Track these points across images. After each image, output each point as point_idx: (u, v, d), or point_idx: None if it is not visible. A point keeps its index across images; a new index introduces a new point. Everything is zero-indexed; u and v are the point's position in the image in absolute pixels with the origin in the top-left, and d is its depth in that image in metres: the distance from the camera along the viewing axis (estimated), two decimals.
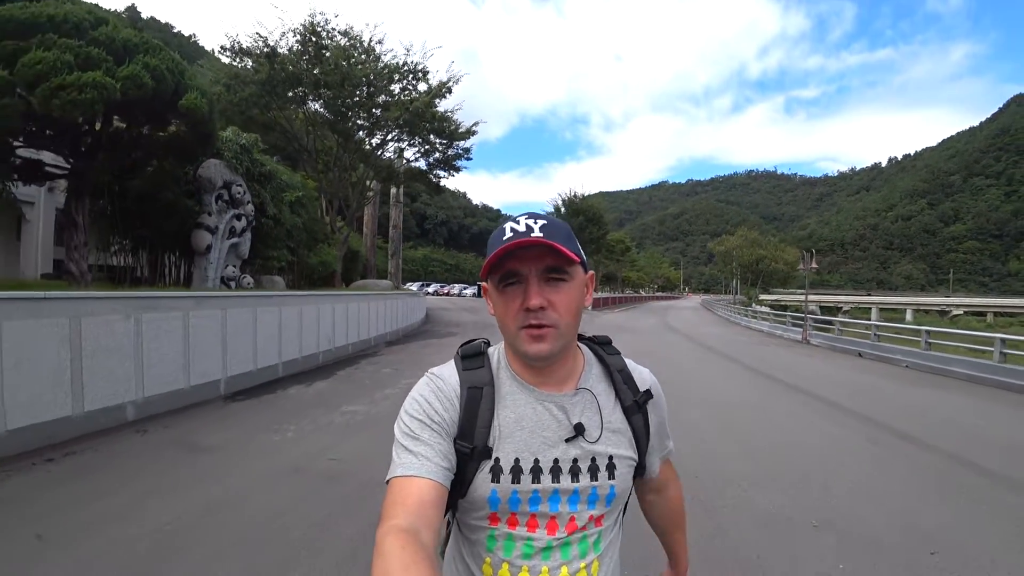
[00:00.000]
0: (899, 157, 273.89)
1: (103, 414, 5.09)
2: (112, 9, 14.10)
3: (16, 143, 6.75)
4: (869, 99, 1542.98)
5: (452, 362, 0.93)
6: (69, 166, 7.19)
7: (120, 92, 5.84)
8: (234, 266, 9.86)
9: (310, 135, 18.39)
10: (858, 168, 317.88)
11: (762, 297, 65.70)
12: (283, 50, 15.93)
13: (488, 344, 0.95)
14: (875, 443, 5.39)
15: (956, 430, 6.11)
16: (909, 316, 76.97)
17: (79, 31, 6.06)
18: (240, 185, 9.77)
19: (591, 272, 0.91)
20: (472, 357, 0.92)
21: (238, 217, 9.80)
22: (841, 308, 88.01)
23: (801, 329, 17.25)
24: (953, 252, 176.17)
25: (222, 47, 16.31)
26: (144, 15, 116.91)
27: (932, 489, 4.18)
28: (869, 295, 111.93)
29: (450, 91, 18.19)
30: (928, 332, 11.26)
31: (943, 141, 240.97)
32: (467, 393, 0.87)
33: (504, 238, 0.81)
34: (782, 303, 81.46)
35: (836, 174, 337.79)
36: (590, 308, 36.74)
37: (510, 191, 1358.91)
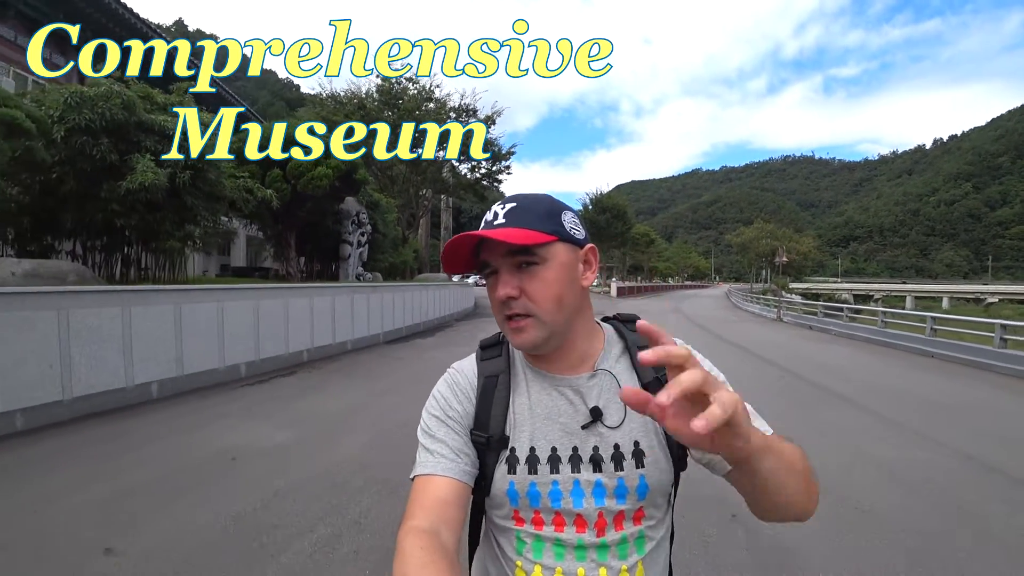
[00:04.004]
0: (944, 138, 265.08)
1: (338, 346, 10.07)
2: (159, 23, 17.60)
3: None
4: (914, 76, 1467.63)
5: (473, 355, 0.93)
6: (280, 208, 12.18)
7: (332, 175, 10.78)
8: (361, 267, 14.86)
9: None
10: (900, 151, 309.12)
11: (792, 285, 68.24)
12: (366, 99, 20.98)
13: None
14: (733, 354, 9.92)
15: (803, 359, 10.48)
16: (946, 303, 77.96)
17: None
18: (364, 213, 14.72)
19: (589, 245, 0.83)
20: (490, 347, 0.91)
21: (363, 234, 14.77)
22: (872, 296, 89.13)
23: (777, 309, 21.46)
24: (1000, 238, 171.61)
25: (326, 97, 21.52)
26: (191, 28, 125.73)
27: (756, 378, 8.67)
28: (904, 283, 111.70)
29: (494, 123, 22.98)
30: (849, 308, 15.47)
31: (992, 120, 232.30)
32: (483, 382, 0.86)
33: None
34: (813, 291, 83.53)
35: (877, 157, 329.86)
36: (610, 292, 40.92)
37: (541, 181, 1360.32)
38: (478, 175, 25.77)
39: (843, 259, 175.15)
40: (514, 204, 0.79)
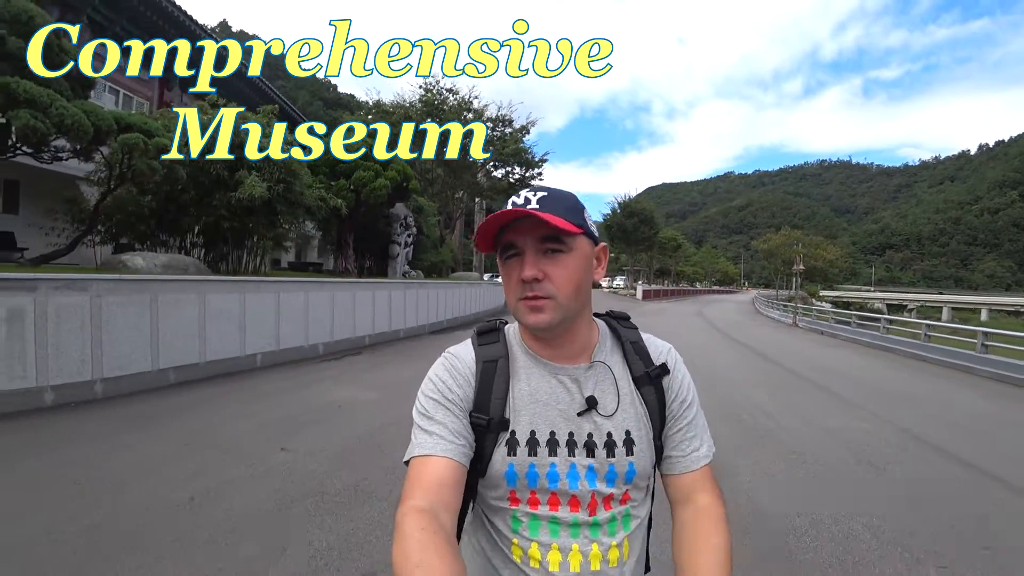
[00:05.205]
0: (991, 143, 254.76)
1: (392, 333, 11.73)
2: (204, 24, 17.55)
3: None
4: (959, 78, 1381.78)
5: (469, 340, 0.96)
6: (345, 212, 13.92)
7: (389, 185, 12.45)
8: (407, 265, 16.57)
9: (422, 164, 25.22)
10: (943, 156, 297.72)
11: (823, 293, 67.71)
12: (410, 108, 22.73)
13: (505, 323, 0.98)
14: (738, 352, 11.18)
15: (798, 356, 11.67)
16: (984, 316, 75.98)
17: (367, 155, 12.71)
18: (411, 217, 16.42)
19: (602, 244, 0.90)
20: (487, 333, 0.95)
21: (409, 236, 16.47)
22: (906, 307, 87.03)
23: (794, 315, 22.44)
24: None
25: (373, 104, 23.36)
26: (234, 29, 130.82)
27: (746, 363, 9.96)
28: (940, 293, 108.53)
29: (528, 132, 24.53)
30: (855, 315, 16.54)
31: None
32: (482, 367, 0.89)
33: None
34: (844, 300, 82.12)
35: (918, 163, 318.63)
36: (636, 295, 41.93)
37: (571, 181, 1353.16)
38: (511, 180, 27.31)
39: (877, 267, 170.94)
40: (545, 193, 0.83)
